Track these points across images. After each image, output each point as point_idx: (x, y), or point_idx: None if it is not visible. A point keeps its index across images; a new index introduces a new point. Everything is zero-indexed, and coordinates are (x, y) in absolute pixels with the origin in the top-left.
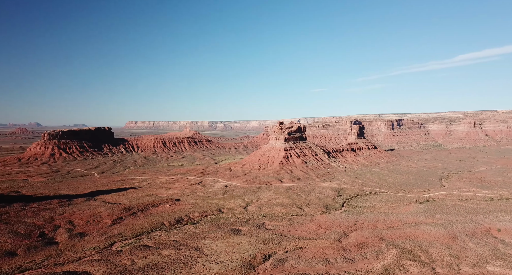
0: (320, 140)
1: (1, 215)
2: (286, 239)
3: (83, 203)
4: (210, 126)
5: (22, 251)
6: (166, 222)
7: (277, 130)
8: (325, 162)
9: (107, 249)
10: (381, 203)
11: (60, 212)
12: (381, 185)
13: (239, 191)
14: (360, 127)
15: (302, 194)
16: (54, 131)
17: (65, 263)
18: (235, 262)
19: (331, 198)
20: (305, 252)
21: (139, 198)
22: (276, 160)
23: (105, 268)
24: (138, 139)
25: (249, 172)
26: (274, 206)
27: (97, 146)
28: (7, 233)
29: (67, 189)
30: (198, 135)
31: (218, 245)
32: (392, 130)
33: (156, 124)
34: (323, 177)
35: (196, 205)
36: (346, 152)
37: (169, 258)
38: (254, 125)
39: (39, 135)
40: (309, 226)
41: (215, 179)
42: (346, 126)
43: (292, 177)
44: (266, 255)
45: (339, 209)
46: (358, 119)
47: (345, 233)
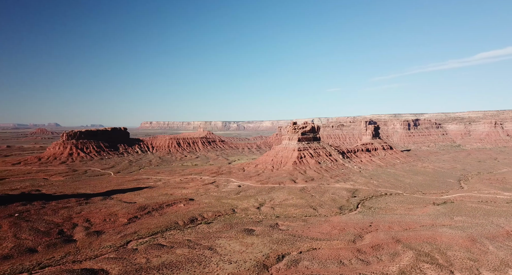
0: (334, 140)
1: (23, 213)
2: (299, 240)
3: (100, 202)
4: (224, 126)
5: (42, 248)
6: (180, 222)
7: (291, 130)
8: (339, 163)
9: (123, 248)
10: (397, 205)
11: (78, 210)
12: (396, 186)
13: (252, 191)
14: (375, 127)
15: (316, 194)
16: (72, 131)
17: (82, 261)
18: (248, 262)
19: (346, 199)
20: (319, 253)
21: (154, 198)
22: (289, 160)
23: (121, 266)
24: (153, 139)
25: (262, 172)
26: (287, 206)
27: (113, 146)
28: (28, 230)
29: (84, 188)
30: (211, 135)
31: (232, 245)
32: (408, 130)
33: (170, 125)
34: (337, 177)
35: (209, 205)
36: (360, 152)
37: (183, 257)
38: (267, 125)
39: (58, 135)
40: (323, 227)
41: (228, 179)
42: (361, 126)
43: (306, 178)
44: (279, 256)
45: (353, 210)
46: (373, 119)
47: (359, 234)
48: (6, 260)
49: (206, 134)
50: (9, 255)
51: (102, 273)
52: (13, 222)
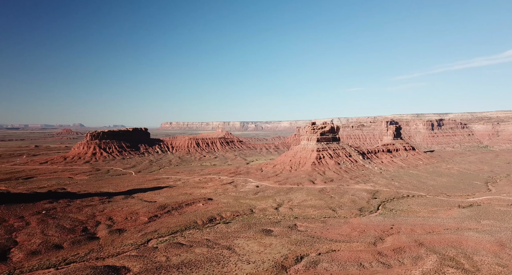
0: (354, 141)
1: (49, 210)
2: (318, 241)
3: (122, 201)
4: (242, 126)
5: (67, 244)
6: (199, 221)
7: (309, 130)
8: (359, 164)
9: (143, 246)
10: (420, 207)
11: (101, 208)
12: (419, 188)
13: (271, 192)
14: (396, 127)
15: (335, 196)
16: (95, 132)
17: (105, 258)
18: (266, 263)
19: (366, 200)
20: (338, 255)
21: (173, 197)
22: (308, 161)
23: (142, 264)
24: (173, 140)
25: (280, 173)
26: (306, 207)
27: (134, 146)
28: (55, 227)
29: (107, 187)
30: (230, 136)
31: (250, 245)
32: (432, 130)
33: (190, 125)
34: (357, 179)
35: (228, 205)
36: (381, 153)
37: (202, 256)
38: (286, 125)
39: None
40: (342, 228)
41: (246, 179)
42: (382, 126)
43: (325, 179)
44: (298, 257)
45: (374, 212)
46: (395, 119)
47: (380, 237)
48: (34, 255)
49: (224, 135)
50: (37, 250)
51: (124, 270)
52: (40, 219)
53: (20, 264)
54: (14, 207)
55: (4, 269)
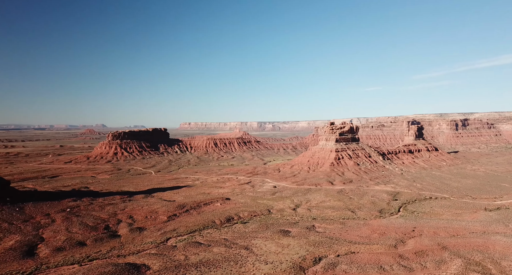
0: (374, 141)
1: (73, 208)
2: (337, 242)
3: (142, 200)
4: (259, 127)
5: (90, 242)
6: (217, 220)
7: (328, 130)
8: (379, 164)
9: (163, 244)
10: (443, 209)
11: (122, 207)
12: (442, 190)
13: (288, 192)
14: (418, 127)
15: (355, 197)
16: (117, 132)
17: (126, 255)
18: (284, 264)
19: (386, 202)
20: (357, 257)
21: (192, 196)
22: (326, 161)
23: (161, 262)
24: (191, 140)
25: (298, 173)
26: (324, 208)
27: (154, 146)
28: (78, 225)
29: (128, 186)
30: (247, 136)
31: (268, 245)
32: (456, 130)
33: (208, 125)
34: (377, 180)
35: (245, 205)
36: (402, 154)
37: (220, 255)
38: (303, 125)
39: (104, 135)
40: (362, 230)
41: (263, 179)
42: (403, 126)
43: (344, 180)
44: (316, 258)
45: (394, 214)
46: (417, 119)
47: (401, 239)
48: (59, 251)
49: (241, 135)
50: (62, 247)
51: (144, 268)
52: (65, 217)
53: (47, 259)
54: (41, 204)
55: (32, 264)
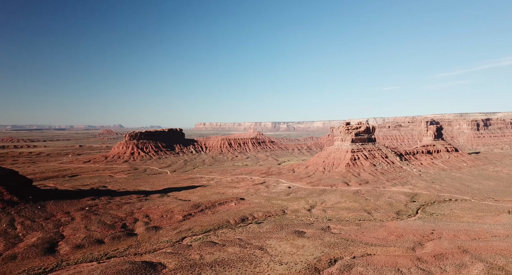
0: (391, 141)
1: (92, 207)
2: (353, 244)
3: (158, 199)
4: (273, 127)
5: (108, 239)
6: (231, 220)
7: (343, 130)
8: (396, 165)
9: (178, 243)
10: (464, 212)
11: (139, 206)
12: (463, 192)
13: (303, 193)
14: (437, 127)
15: (371, 198)
16: (133, 132)
17: (143, 253)
18: (299, 265)
19: (403, 203)
20: (374, 259)
21: (206, 196)
22: (342, 162)
23: (177, 261)
24: (206, 140)
25: (313, 174)
26: (340, 209)
27: (170, 146)
28: (97, 223)
29: (144, 185)
30: (261, 136)
31: (282, 246)
32: (477, 131)
33: (222, 126)
34: (394, 181)
35: (260, 205)
36: (420, 154)
37: (234, 255)
38: (318, 125)
39: (121, 135)
40: (378, 232)
41: (278, 180)
42: (421, 126)
43: (360, 180)
44: (331, 260)
45: (412, 215)
46: (436, 119)
47: (419, 242)
48: (79, 249)
49: (256, 135)
50: (81, 244)
51: (160, 266)
52: (84, 215)
53: (67, 256)
54: (61, 203)
55: (53, 261)
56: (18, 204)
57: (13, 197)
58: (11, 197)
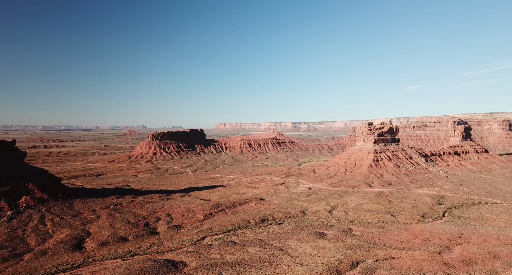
0: (416, 142)
1: (116, 205)
2: (375, 247)
3: (179, 198)
4: (294, 127)
5: (131, 237)
6: (251, 220)
7: (366, 131)
8: (421, 167)
9: (199, 242)
10: (495, 216)
11: (161, 205)
12: (494, 195)
13: (324, 194)
14: (465, 127)
15: (394, 200)
16: (156, 133)
17: (165, 252)
18: (320, 266)
19: (429, 206)
20: (398, 262)
21: (227, 196)
22: (364, 163)
23: (198, 260)
24: (226, 140)
25: (334, 175)
26: (362, 211)
27: (191, 146)
28: (121, 221)
29: (166, 185)
30: (281, 136)
31: (303, 247)
32: (509, 131)
33: (242, 126)
34: (419, 182)
35: (280, 206)
36: (447, 155)
37: (255, 256)
38: (340, 126)
39: (144, 136)
40: (402, 235)
41: (298, 180)
42: (448, 126)
43: (383, 182)
44: (353, 262)
45: (439, 218)
46: (464, 118)
47: (446, 246)
48: (104, 246)
49: (276, 135)
50: (106, 242)
51: (182, 265)
52: (109, 213)
53: (93, 253)
54: (88, 201)
55: (80, 257)
56: (48, 201)
57: (43, 195)
58: (41, 195)
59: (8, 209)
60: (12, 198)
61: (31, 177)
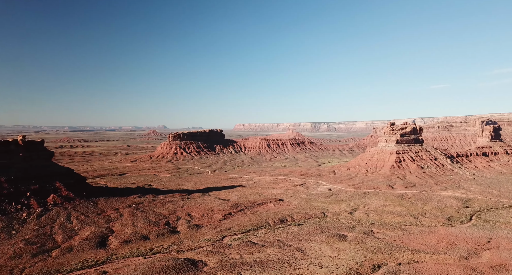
0: (441, 143)
1: (138, 204)
2: (398, 250)
3: (199, 198)
4: (313, 127)
5: (153, 236)
6: (270, 221)
7: (388, 131)
8: (447, 168)
9: (218, 242)
10: None
11: (181, 205)
12: None
13: (344, 196)
14: (494, 127)
15: (418, 202)
16: (176, 133)
17: (185, 251)
18: (340, 269)
19: (455, 209)
20: (422, 267)
21: (246, 196)
22: (386, 164)
23: (217, 259)
24: (245, 140)
25: (355, 176)
26: (383, 213)
27: (210, 147)
28: (143, 219)
29: (186, 184)
30: (300, 137)
31: (322, 249)
32: None
33: (261, 126)
34: (444, 184)
35: (299, 207)
36: (475, 157)
37: (274, 256)
38: (361, 126)
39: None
40: (426, 238)
41: (318, 181)
42: (475, 127)
43: (406, 183)
44: (375, 265)
45: (465, 222)
46: (492, 118)
47: (474, 251)
48: (127, 244)
49: (295, 136)
50: (128, 240)
51: (201, 264)
52: (131, 212)
53: (116, 251)
54: (111, 200)
55: (104, 254)
56: (74, 200)
57: (69, 193)
58: (68, 193)
59: (37, 207)
60: (40, 196)
61: (58, 176)
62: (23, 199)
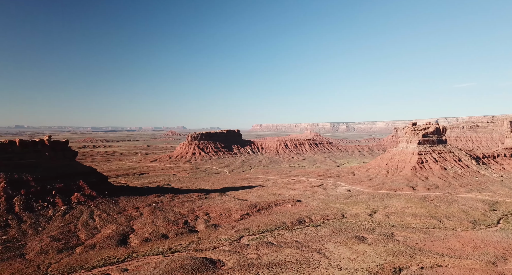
0: (466, 143)
1: (158, 203)
2: (420, 253)
3: (217, 198)
4: (332, 127)
5: (172, 235)
6: (288, 222)
7: (409, 131)
8: (472, 170)
9: (236, 242)
10: None
11: (199, 204)
12: None
13: (364, 197)
14: None
15: (441, 204)
16: (195, 133)
17: (203, 250)
18: (360, 271)
19: (481, 212)
20: (445, 271)
21: (263, 196)
22: (407, 165)
23: (235, 259)
24: (263, 141)
25: (375, 177)
26: (405, 215)
27: (228, 147)
28: (162, 219)
29: (204, 184)
30: (318, 137)
31: (341, 250)
32: None
33: (278, 127)
34: (469, 186)
35: (317, 208)
36: (502, 158)
37: (291, 257)
38: (381, 126)
39: (184, 136)
40: (450, 242)
41: (336, 182)
42: (503, 126)
43: (428, 185)
44: (396, 269)
45: (492, 226)
46: None
47: (502, 256)
48: (147, 242)
49: (313, 136)
50: (148, 238)
51: (219, 263)
52: (151, 211)
53: (136, 248)
54: (132, 198)
55: (125, 252)
56: (96, 198)
57: (92, 192)
58: (91, 192)
59: (62, 205)
60: (65, 194)
61: (82, 175)
62: (49, 197)
